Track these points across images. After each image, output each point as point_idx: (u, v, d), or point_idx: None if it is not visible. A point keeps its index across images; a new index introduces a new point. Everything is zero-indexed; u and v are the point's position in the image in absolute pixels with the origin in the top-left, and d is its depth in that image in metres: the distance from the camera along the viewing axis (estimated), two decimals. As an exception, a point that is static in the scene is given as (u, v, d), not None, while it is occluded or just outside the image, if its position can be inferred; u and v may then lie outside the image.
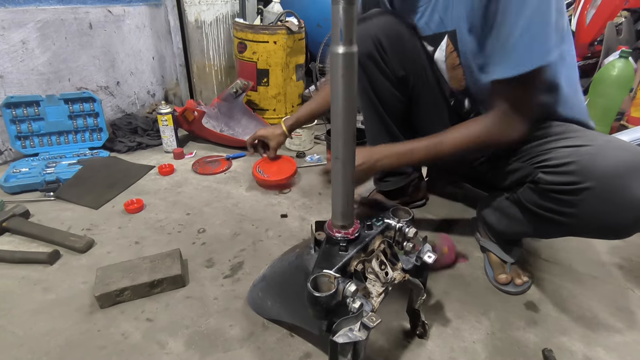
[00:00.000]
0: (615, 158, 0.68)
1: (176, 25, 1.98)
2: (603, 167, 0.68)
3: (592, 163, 0.69)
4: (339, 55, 0.53)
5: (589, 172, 0.69)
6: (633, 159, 0.67)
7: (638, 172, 0.66)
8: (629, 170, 0.66)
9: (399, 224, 0.73)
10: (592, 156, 0.69)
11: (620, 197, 0.67)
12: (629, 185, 0.66)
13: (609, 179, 0.67)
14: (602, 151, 0.69)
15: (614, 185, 0.67)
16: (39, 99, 1.52)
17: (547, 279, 1.02)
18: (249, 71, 1.95)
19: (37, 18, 1.51)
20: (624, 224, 0.71)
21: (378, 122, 1.09)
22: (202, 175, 1.52)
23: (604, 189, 0.68)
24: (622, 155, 0.68)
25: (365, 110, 1.10)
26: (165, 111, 1.61)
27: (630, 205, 0.67)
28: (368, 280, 0.69)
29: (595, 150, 0.70)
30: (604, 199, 0.69)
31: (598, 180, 0.68)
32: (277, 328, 0.86)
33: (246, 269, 1.03)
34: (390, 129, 1.09)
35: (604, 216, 0.71)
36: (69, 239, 1.08)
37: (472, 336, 0.85)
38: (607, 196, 0.68)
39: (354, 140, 0.60)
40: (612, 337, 0.86)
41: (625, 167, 0.67)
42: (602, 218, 0.71)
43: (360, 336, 0.58)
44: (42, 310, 0.89)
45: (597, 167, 0.68)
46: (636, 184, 0.66)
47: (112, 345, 0.81)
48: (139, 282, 0.92)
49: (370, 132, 1.14)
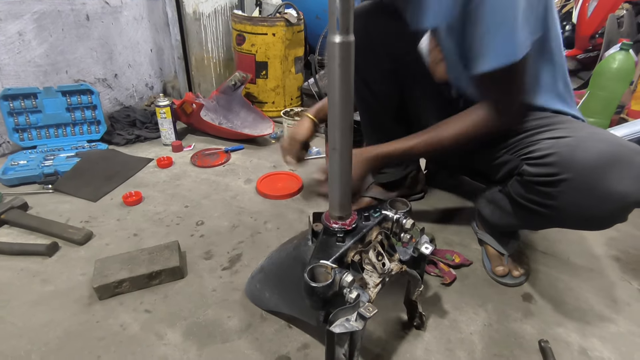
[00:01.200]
0: (593, 150, 0.68)
1: (174, 17, 1.96)
2: (581, 159, 0.68)
3: (570, 155, 0.69)
4: (335, 45, 0.53)
5: (567, 163, 0.69)
6: (610, 151, 0.67)
7: (614, 164, 0.66)
8: (606, 162, 0.66)
9: (397, 215, 0.73)
10: (571, 148, 0.70)
11: (597, 189, 0.67)
12: (605, 177, 0.66)
13: (586, 171, 0.67)
14: (581, 143, 0.69)
15: (591, 177, 0.67)
16: (37, 91, 1.52)
17: (544, 271, 1.03)
18: (247, 63, 1.94)
19: (34, 9, 1.49)
20: (602, 216, 0.72)
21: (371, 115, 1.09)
22: (200, 168, 1.52)
23: (581, 181, 0.68)
24: (599, 147, 0.68)
25: (359, 104, 1.10)
26: (163, 104, 1.60)
27: (607, 197, 0.67)
28: (365, 271, 0.69)
29: (575, 142, 0.70)
30: (582, 191, 0.69)
31: (576, 172, 0.68)
32: (275, 319, 0.86)
33: (244, 261, 1.03)
34: (382, 120, 1.09)
35: (583, 208, 0.71)
36: (68, 231, 1.09)
37: (469, 327, 0.86)
38: (584, 188, 0.68)
39: (351, 131, 0.60)
40: (607, 328, 0.87)
41: (602, 159, 0.67)
42: (580, 210, 0.72)
43: (357, 326, 0.58)
44: (41, 302, 0.90)
45: (575, 159, 0.68)
46: (613, 175, 0.66)
47: (110, 336, 0.82)
48: (137, 273, 0.92)
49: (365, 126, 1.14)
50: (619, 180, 0.66)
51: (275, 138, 1.77)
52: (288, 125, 1.72)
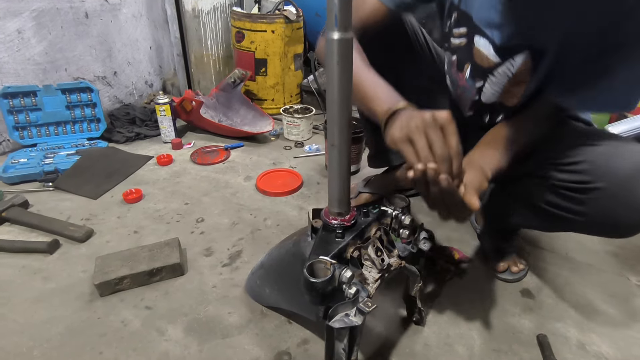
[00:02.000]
0: (629, 160, 0.67)
1: (173, 14, 1.96)
2: (615, 168, 0.67)
3: (605, 163, 0.68)
4: (334, 42, 0.53)
5: (601, 172, 0.68)
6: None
7: None
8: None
9: (395, 211, 0.73)
10: (606, 156, 0.68)
11: (630, 199, 0.66)
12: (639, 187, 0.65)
13: (620, 180, 0.66)
14: (616, 151, 0.68)
15: (625, 187, 0.66)
16: (36, 89, 1.52)
17: (543, 266, 1.03)
18: (247, 61, 1.94)
19: (33, 7, 1.49)
20: (631, 225, 0.71)
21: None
22: (200, 165, 1.52)
23: (615, 190, 0.67)
24: (635, 157, 0.67)
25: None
26: (163, 101, 1.60)
27: (637, 206, 0.66)
28: (364, 267, 0.69)
29: (609, 151, 0.69)
30: (614, 200, 0.68)
31: (609, 181, 0.67)
32: (275, 315, 0.87)
33: (244, 258, 1.04)
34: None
35: (612, 217, 0.70)
36: (69, 229, 1.09)
37: (468, 323, 0.86)
38: (617, 197, 0.67)
39: (350, 127, 0.60)
40: (606, 324, 0.87)
41: (637, 169, 0.66)
42: (609, 218, 0.71)
43: (356, 321, 0.59)
44: (42, 299, 0.90)
45: (610, 168, 0.67)
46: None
47: (112, 332, 0.82)
48: (138, 270, 0.92)
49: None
50: None
51: (274, 135, 1.78)
52: (287, 122, 1.72)
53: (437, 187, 0.59)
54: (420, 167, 0.58)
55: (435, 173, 0.58)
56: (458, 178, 0.61)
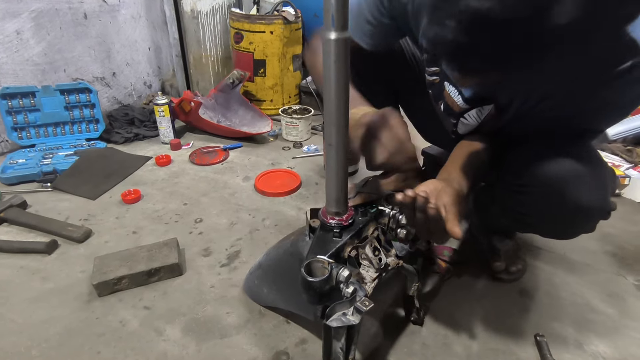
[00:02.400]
0: (559, 164, 0.69)
1: (172, 15, 1.96)
2: (546, 172, 0.69)
3: (537, 167, 0.70)
4: (330, 42, 0.53)
5: (534, 175, 0.71)
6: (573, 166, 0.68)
7: (576, 179, 0.67)
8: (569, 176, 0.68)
9: (393, 210, 0.73)
10: (539, 160, 0.71)
11: (560, 201, 0.69)
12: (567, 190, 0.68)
13: (550, 183, 0.69)
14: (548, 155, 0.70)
15: (555, 189, 0.68)
16: (35, 90, 1.52)
17: (540, 266, 1.03)
18: (245, 62, 1.94)
19: (31, 8, 1.49)
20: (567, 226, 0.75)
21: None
22: (199, 166, 1.52)
23: (546, 192, 0.70)
24: (563, 162, 0.69)
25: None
26: (162, 102, 1.60)
27: (570, 209, 0.69)
28: (362, 266, 0.70)
29: (542, 154, 0.71)
30: (547, 202, 0.71)
31: (541, 184, 0.70)
32: (273, 315, 0.87)
33: (243, 258, 1.04)
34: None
35: (549, 217, 0.73)
36: (67, 229, 1.09)
37: (466, 322, 0.87)
38: (549, 199, 0.70)
39: (347, 127, 0.61)
40: (603, 323, 0.87)
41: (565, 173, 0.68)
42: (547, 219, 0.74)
43: (354, 320, 0.59)
44: (40, 299, 0.90)
45: (542, 171, 0.69)
46: (574, 189, 0.67)
47: (110, 332, 0.83)
48: (136, 270, 0.92)
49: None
50: (579, 194, 0.67)
51: (273, 136, 1.78)
52: (286, 123, 1.72)
53: (423, 214, 0.63)
54: (410, 193, 0.63)
55: (425, 201, 0.62)
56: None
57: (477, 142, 0.82)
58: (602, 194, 0.69)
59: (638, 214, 1.27)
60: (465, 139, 0.85)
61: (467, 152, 0.80)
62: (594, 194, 0.68)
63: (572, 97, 0.66)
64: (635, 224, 1.22)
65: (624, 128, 1.59)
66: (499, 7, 0.38)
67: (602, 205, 0.69)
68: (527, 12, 0.38)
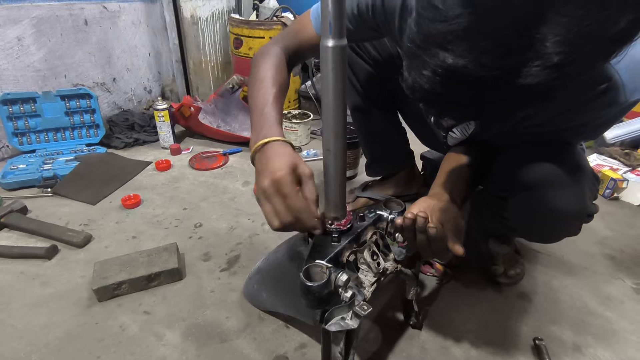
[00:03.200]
0: (535, 169, 0.69)
1: (172, 21, 1.97)
2: (522, 178, 0.70)
3: (514, 173, 0.71)
4: (328, 49, 0.54)
5: (511, 181, 0.72)
6: (551, 171, 0.68)
7: (554, 184, 0.68)
8: (547, 181, 0.68)
9: (391, 215, 0.74)
10: (516, 166, 0.71)
11: (536, 206, 0.70)
12: (545, 195, 0.68)
13: (525, 189, 0.70)
14: (526, 161, 0.71)
15: (531, 195, 0.69)
16: (35, 96, 1.53)
17: (539, 269, 1.04)
18: (245, 67, 1.95)
19: (33, 14, 1.51)
20: (548, 230, 0.75)
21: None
22: (198, 171, 1.53)
23: (522, 198, 0.71)
24: (541, 167, 0.69)
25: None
26: (162, 107, 1.61)
27: (548, 214, 0.70)
28: (360, 271, 0.70)
29: (520, 161, 0.71)
30: (523, 207, 0.72)
31: (516, 190, 0.71)
32: (273, 319, 0.87)
33: (242, 262, 1.04)
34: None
35: (527, 222, 0.75)
36: (67, 234, 1.09)
37: (464, 326, 0.87)
38: (525, 204, 0.71)
39: (345, 132, 0.61)
40: (601, 326, 0.88)
41: (543, 178, 0.68)
42: (526, 223, 0.75)
43: (352, 324, 0.59)
44: (40, 304, 0.90)
45: (517, 178, 0.70)
46: (552, 193, 0.68)
47: (110, 337, 0.83)
48: (136, 275, 0.93)
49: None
50: (555, 199, 0.68)
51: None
52: (285, 127, 1.73)
53: (424, 235, 0.64)
54: (410, 215, 0.64)
55: (425, 221, 0.63)
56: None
57: (463, 155, 0.84)
58: (579, 198, 0.69)
59: (636, 217, 1.28)
60: (453, 150, 0.87)
61: (455, 164, 0.82)
62: (570, 199, 0.69)
63: (551, 119, 0.67)
64: (633, 227, 1.23)
65: (622, 131, 1.60)
66: (473, 66, 0.38)
67: (578, 210, 0.70)
68: (500, 73, 0.38)
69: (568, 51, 0.35)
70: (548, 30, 0.34)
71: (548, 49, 0.35)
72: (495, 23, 0.36)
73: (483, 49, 0.37)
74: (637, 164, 1.49)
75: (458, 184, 0.79)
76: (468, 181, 0.81)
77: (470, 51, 0.38)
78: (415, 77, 0.44)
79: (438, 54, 0.39)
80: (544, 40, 0.35)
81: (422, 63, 0.41)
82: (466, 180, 0.80)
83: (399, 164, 1.25)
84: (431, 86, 0.42)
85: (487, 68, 0.38)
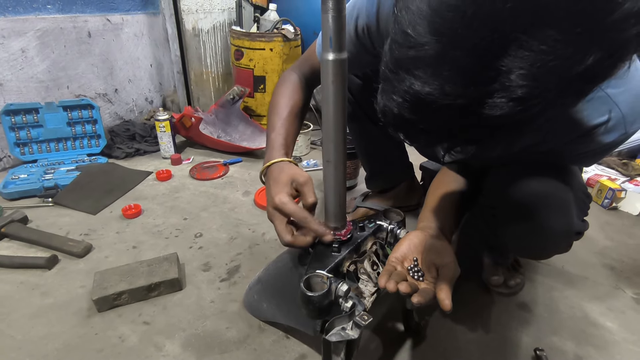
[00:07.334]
0: (523, 187, 0.69)
1: (174, 33, 2.00)
2: (509, 195, 0.70)
3: (502, 190, 0.71)
4: (329, 62, 0.55)
5: (499, 197, 0.73)
6: (539, 189, 0.68)
7: (542, 202, 0.68)
8: (535, 199, 0.68)
9: (391, 225, 0.74)
10: (505, 183, 0.71)
11: (523, 224, 0.70)
12: (534, 213, 0.68)
13: (512, 206, 0.70)
14: (513, 179, 0.71)
15: (519, 211, 0.70)
16: (38, 106, 1.54)
17: (539, 280, 1.04)
18: (245, 78, 1.97)
19: (37, 27, 1.53)
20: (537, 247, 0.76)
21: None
22: (199, 181, 1.53)
23: (510, 214, 0.72)
24: (529, 185, 0.69)
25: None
26: (163, 118, 1.62)
27: (537, 232, 0.70)
28: (360, 281, 0.70)
29: (508, 178, 0.71)
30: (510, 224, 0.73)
31: (504, 207, 0.72)
32: (273, 330, 0.87)
33: (243, 272, 1.04)
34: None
35: (516, 238, 0.75)
36: (67, 244, 1.10)
37: (465, 336, 0.87)
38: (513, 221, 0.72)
39: (345, 144, 0.62)
40: (602, 336, 0.87)
41: (531, 197, 0.68)
42: (515, 239, 0.76)
43: (353, 335, 0.60)
44: (40, 314, 0.90)
45: (505, 194, 0.70)
46: (536, 212, 0.68)
47: (109, 348, 0.82)
48: (136, 285, 0.93)
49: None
50: (540, 217, 0.68)
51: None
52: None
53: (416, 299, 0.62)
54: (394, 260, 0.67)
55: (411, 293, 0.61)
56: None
57: (452, 180, 0.85)
58: (566, 217, 0.70)
59: (635, 227, 1.28)
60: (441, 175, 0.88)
61: (444, 192, 0.82)
62: (557, 218, 0.69)
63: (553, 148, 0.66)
64: (632, 237, 1.23)
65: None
66: (438, 94, 0.38)
67: (565, 229, 0.70)
68: (465, 102, 0.38)
69: (532, 85, 0.35)
70: (512, 63, 0.34)
71: (513, 81, 0.35)
72: (460, 52, 0.36)
73: (447, 77, 0.37)
74: (635, 173, 1.50)
75: (449, 212, 0.79)
76: (459, 207, 0.81)
77: (435, 78, 0.38)
78: (385, 101, 0.44)
79: (405, 79, 0.40)
80: (509, 73, 0.35)
81: (393, 87, 0.42)
82: (457, 207, 0.80)
83: (398, 177, 1.26)
84: (400, 111, 0.42)
85: (451, 96, 0.38)
